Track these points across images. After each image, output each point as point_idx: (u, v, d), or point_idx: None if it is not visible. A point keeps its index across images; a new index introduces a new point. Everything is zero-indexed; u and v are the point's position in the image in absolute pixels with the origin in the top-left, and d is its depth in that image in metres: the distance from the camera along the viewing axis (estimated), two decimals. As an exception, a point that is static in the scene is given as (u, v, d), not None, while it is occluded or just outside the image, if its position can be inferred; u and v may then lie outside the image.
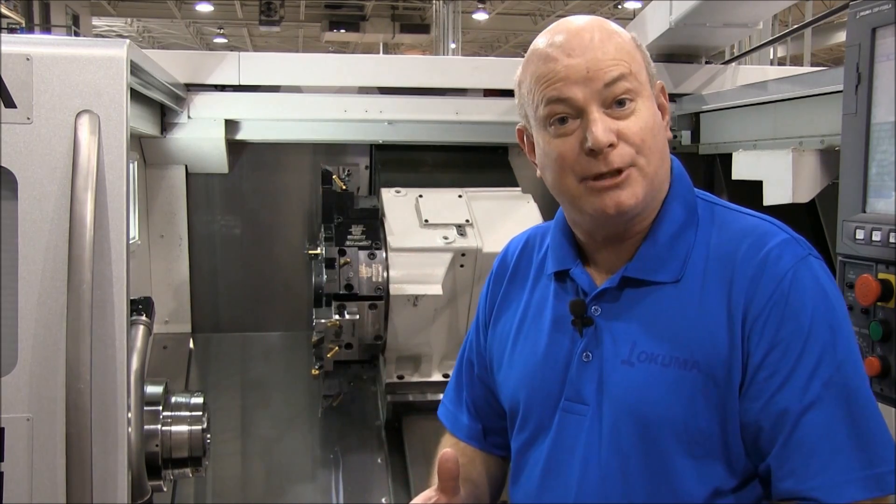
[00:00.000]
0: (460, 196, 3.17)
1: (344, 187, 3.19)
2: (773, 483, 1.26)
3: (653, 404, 1.31)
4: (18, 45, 1.75)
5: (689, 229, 1.37)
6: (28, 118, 1.72)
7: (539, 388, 1.43)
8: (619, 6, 18.31)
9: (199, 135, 3.16)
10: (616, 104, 1.31)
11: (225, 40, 24.00)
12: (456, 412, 1.64)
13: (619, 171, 1.31)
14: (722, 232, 1.36)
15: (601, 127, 1.29)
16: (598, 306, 1.39)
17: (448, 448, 1.57)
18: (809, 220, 3.24)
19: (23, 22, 14.52)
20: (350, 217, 3.11)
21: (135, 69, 1.91)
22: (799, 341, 1.25)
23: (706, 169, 3.51)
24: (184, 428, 2.01)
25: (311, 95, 3.21)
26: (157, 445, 1.97)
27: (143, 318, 1.98)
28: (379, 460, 3.09)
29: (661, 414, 1.31)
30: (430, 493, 1.41)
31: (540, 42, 1.37)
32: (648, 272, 1.36)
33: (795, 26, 12.53)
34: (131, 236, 2.06)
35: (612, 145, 1.29)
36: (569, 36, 1.34)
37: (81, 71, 1.75)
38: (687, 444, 1.30)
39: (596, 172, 1.31)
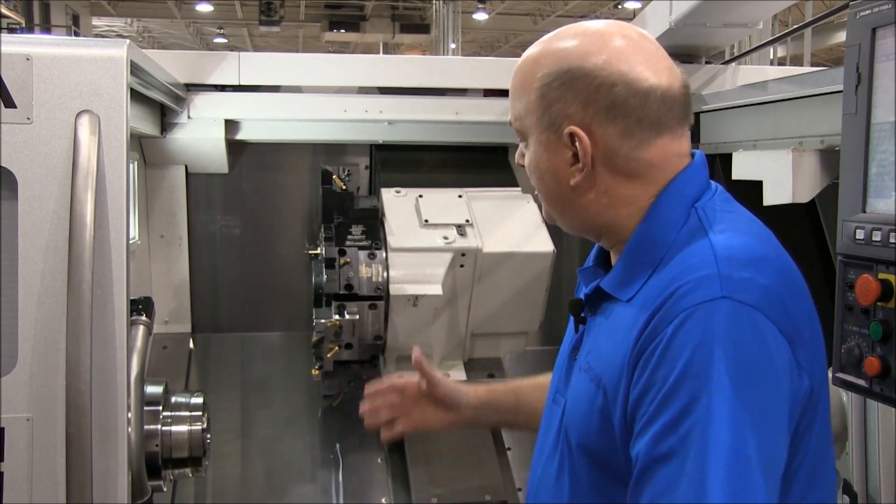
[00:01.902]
0: (460, 196, 3.17)
1: (344, 187, 3.19)
2: None
3: (572, 413, 1.39)
4: (18, 45, 1.75)
5: (654, 250, 1.33)
6: (28, 118, 1.72)
7: (553, 379, 1.57)
8: (619, 6, 18.32)
9: (199, 135, 3.16)
10: None
11: (225, 40, 24.02)
12: None
13: None
14: (679, 256, 1.30)
15: (518, 151, 1.47)
16: (590, 309, 1.46)
17: None
18: (809, 220, 3.24)
19: (23, 22, 14.54)
20: (350, 217, 3.11)
21: (135, 69, 1.91)
22: (667, 388, 1.17)
23: (706, 169, 3.51)
24: (184, 428, 2.01)
25: (311, 95, 3.21)
26: (157, 445, 1.97)
27: (143, 318, 1.98)
28: (379, 460, 3.09)
29: (575, 424, 1.38)
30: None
31: None
32: (613, 288, 1.38)
33: (795, 26, 12.53)
34: (131, 236, 2.06)
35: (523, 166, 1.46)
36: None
37: (81, 71, 1.74)
38: (593, 457, 1.34)
39: None
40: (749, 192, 2.69)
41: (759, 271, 1.24)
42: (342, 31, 19.94)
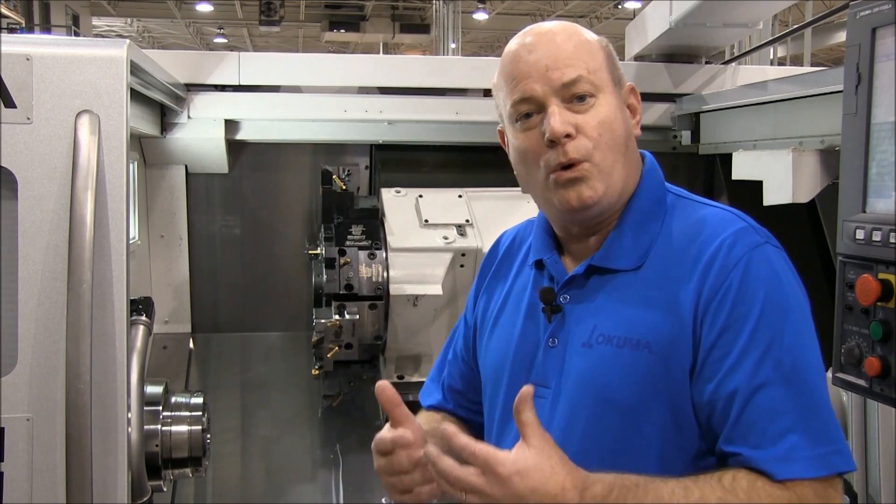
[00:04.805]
0: (460, 196, 3.17)
1: (344, 187, 3.19)
2: (726, 457, 1.31)
3: (605, 382, 1.39)
4: (18, 45, 1.75)
5: (653, 221, 1.45)
6: (28, 118, 1.72)
7: (512, 372, 1.52)
8: (620, 6, 18.30)
9: (199, 135, 3.16)
10: (576, 99, 1.41)
11: (225, 40, 24.00)
12: (432, 389, 1.74)
13: (577, 163, 1.40)
14: (684, 222, 1.43)
15: (558, 118, 1.39)
16: (567, 294, 1.48)
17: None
18: (809, 220, 3.24)
19: (23, 22, 14.53)
20: (350, 217, 3.11)
21: (135, 69, 1.91)
22: (750, 324, 1.30)
23: (706, 169, 3.50)
24: (184, 428, 2.02)
25: (311, 95, 3.21)
26: (157, 445, 1.97)
27: (143, 318, 1.98)
28: (379, 460, 3.09)
29: (612, 391, 1.38)
30: (385, 430, 1.46)
31: (511, 44, 1.49)
32: (612, 261, 1.45)
33: (795, 26, 12.53)
34: (131, 236, 2.06)
35: (569, 136, 1.39)
36: (533, 36, 1.47)
37: (81, 71, 1.74)
38: (636, 422, 1.36)
39: (556, 163, 1.40)
40: (749, 192, 2.69)
41: (761, 226, 1.41)
42: (342, 31, 19.92)
